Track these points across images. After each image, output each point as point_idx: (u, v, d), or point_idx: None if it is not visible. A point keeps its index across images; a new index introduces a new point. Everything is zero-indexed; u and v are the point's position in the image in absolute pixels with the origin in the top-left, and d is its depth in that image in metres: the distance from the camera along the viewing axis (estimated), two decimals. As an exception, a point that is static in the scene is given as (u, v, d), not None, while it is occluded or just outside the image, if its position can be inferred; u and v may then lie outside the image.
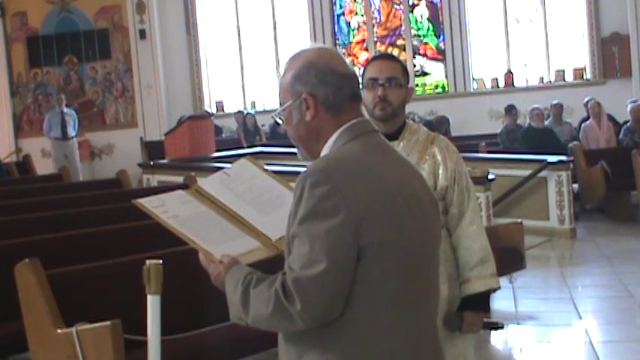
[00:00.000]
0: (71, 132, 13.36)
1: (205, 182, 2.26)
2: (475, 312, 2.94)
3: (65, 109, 13.43)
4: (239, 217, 2.15)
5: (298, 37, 15.00)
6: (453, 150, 3.03)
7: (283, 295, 1.77)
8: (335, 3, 15.14)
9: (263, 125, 14.01)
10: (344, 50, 15.11)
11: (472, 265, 2.93)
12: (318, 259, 1.76)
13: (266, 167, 2.42)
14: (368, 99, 2.90)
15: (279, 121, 2.05)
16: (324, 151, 1.97)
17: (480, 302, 2.95)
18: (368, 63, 3.01)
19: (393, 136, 2.94)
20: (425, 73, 14.89)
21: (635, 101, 11.13)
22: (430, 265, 1.97)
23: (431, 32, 14.80)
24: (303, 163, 1.98)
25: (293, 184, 1.91)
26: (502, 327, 3.36)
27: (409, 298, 1.87)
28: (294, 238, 1.83)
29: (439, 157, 2.96)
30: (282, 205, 2.12)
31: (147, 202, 2.13)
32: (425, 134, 3.02)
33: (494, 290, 3.00)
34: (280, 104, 2.04)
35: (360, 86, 2.96)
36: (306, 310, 1.76)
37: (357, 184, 1.83)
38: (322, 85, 1.94)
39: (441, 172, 2.95)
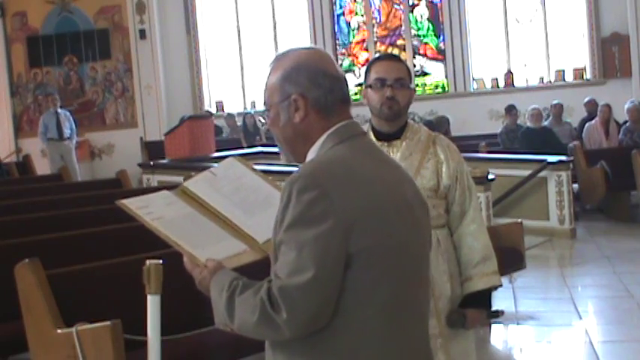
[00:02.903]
0: (66, 132, 13.29)
1: (191, 182, 2.18)
2: (477, 309, 2.95)
3: (59, 110, 13.33)
4: (225, 219, 2.08)
5: (298, 37, 14.99)
6: (455, 149, 3.05)
7: (269, 303, 1.72)
8: (335, 3, 15.12)
9: (263, 125, 13.98)
10: (344, 50, 15.12)
11: (474, 263, 2.95)
12: (305, 266, 1.70)
13: (255, 167, 2.33)
14: (375, 99, 2.92)
15: (262, 121, 2.01)
16: (311, 154, 1.90)
17: (482, 299, 2.96)
18: (373, 62, 3.00)
19: (396, 135, 2.99)
20: (425, 73, 14.88)
21: (632, 101, 11.12)
22: (420, 269, 1.91)
23: (431, 32, 14.79)
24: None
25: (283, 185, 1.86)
26: (503, 313, 3.38)
27: (400, 304, 1.82)
28: (280, 245, 1.76)
29: (441, 156, 2.98)
30: (270, 206, 2.01)
31: (130, 203, 2.05)
32: (426, 134, 3.05)
33: (496, 287, 3.02)
34: (264, 104, 1.97)
35: (365, 86, 2.99)
36: (293, 320, 1.71)
37: (345, 188, 1.76)
38: (314, 86, 1.88)
39: (444, 170, 2.97)
